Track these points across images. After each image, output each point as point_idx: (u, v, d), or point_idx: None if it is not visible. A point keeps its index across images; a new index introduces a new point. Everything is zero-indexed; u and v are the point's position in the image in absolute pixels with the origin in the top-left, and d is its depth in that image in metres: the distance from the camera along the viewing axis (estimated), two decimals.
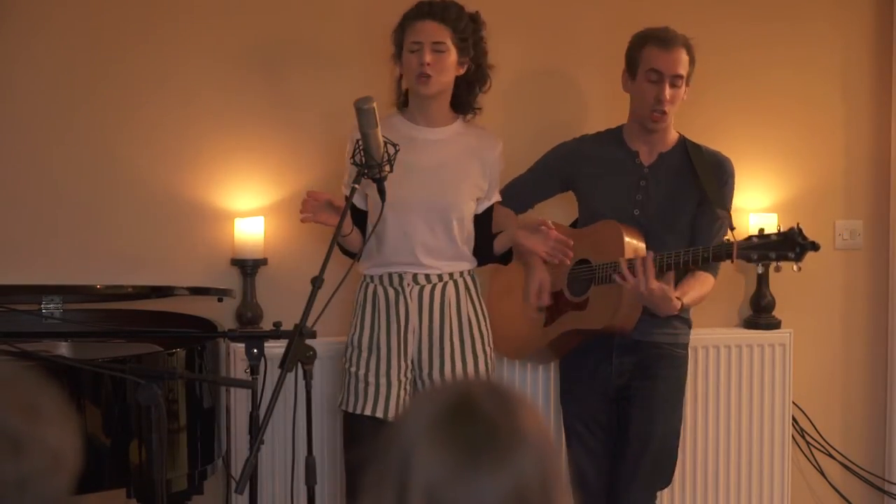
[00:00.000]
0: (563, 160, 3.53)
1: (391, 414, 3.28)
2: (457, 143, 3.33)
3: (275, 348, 3.00)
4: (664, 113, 3.35)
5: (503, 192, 3.49)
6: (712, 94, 4.05)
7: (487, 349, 3.37)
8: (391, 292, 3.29)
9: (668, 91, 3.34)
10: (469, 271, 3.36)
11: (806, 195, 4.22)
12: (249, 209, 3.80)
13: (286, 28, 3.86)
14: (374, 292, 3.31)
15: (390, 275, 3.29)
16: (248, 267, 3.78)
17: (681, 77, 3.35)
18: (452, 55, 3.23)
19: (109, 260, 3.75)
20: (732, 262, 3.14)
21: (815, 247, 3.06)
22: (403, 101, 3.36)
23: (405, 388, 3.31)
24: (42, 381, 1.40)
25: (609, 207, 3.41)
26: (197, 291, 3.61)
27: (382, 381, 3.28)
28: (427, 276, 3.29)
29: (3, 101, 3.71)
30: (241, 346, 3.11)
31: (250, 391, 2.79)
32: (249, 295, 3.79)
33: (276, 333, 2.81)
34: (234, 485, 3.28)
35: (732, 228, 3.23)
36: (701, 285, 3.36)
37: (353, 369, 3.31)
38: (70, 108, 3.74)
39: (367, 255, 3.29)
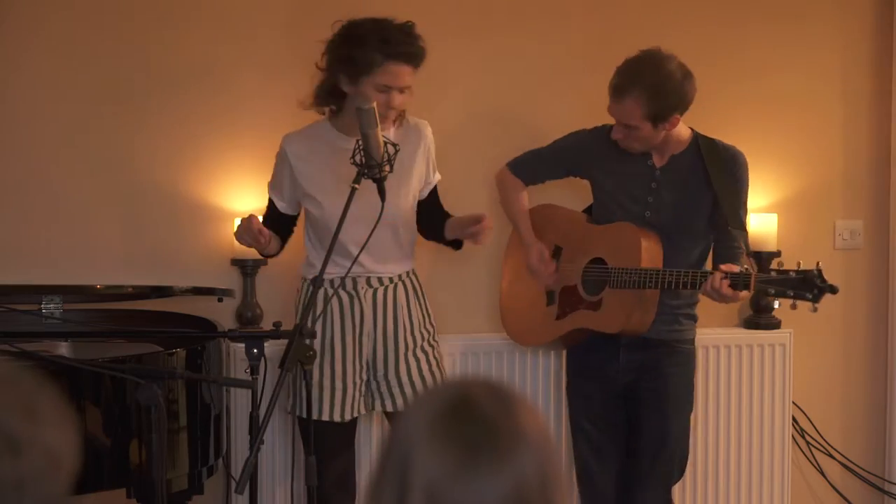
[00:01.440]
0: (578, 149, 3.53)
1: (347, 416, 3.31)
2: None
3: (275, 348, 3.00)
4: (624, 145, 3.37)
5: (520, 159, 3.57)
6: (713, 94, 4.04)
7: (434, 343, 3.42)
8: (345, 296, 3.31)
9: (620, 131, 3.34)
10: (412, 271, 3.42)
11: (806, 195, 4.23)
12: (249, 209, 3.79)
13: (285, 28, 3.86)
14: (326, 295, 3.31)
15: (343, 279, 3.28)
16: (248, 267, 3.78)
17: (631, 126, 3.29)
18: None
19: (109, 260, 3.76)
20: (750, 292, 3.14)
21: (833, 290, 3.06)
22: (334, 110, 3.32)
23: (360, 391, 3.34)
24: (41, 381, 1.40)
25: (620, 208, 3.42)
26: (197, 291, 3.61)
27: (338, 384, 3.30)
28: (380, 279, 3.33)
29: (3, 102, 3.71)
30: (241, 346, 3.11)
31: (250, 391, 2.79)
32: (249, 295, 3.79)
33: (276, 333, 2.81)
34: (234, 485, 3.28)
35: (749, 255, 3.25)
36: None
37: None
38: (69, 108, 3.74)
39: (318, 259, 3.26)
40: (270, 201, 3.44)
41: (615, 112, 3.31)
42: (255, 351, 2.83)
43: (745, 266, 3.18)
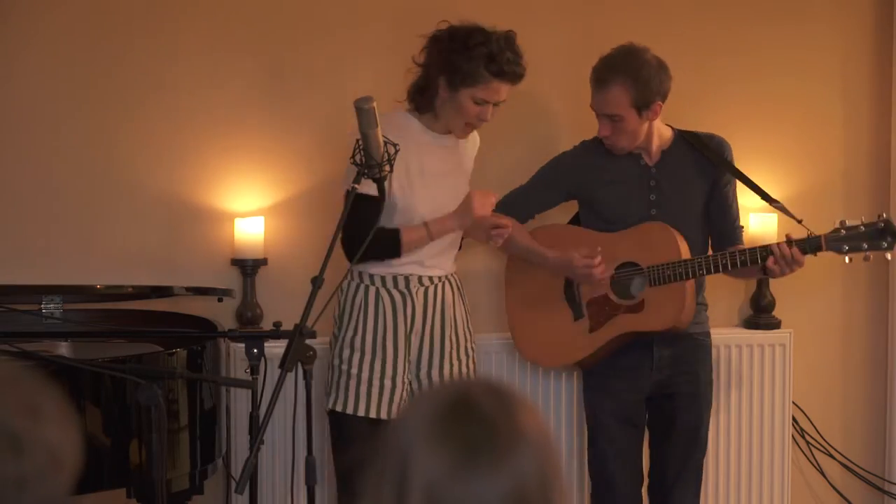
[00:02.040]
0: (568, 171, 3.51)
1: (393, 414, 3.31)
2: (459, 146, 3.40)
3: (275, 348, 3.00)
4: (610, 142, 3.38)
5: (506, 202, 3.52)
6: (713, 95, 4.05)
7: (474, 345, 3.45)
8: (397, 295, 3.31)
9: (607, 127, 3.34)
10: (456, 272, 3.43)
11: (806, 195, 4.22)
12: (249, 209, 3.80)
13: (286, 28, 3.86)
14: (378, 294, 3.31)
15: (395, 277, 3.30)
16: (248, 267, 3.78)
17: (614, 115, 3.30)
18: None
19: (109, 260, 3.75)
20: (821, 252, 3.18)
21: None
22: (419, 106, 3.32)
23: (406, 390, 3.34)
24: (42, 380, 1.40)
25: (625, 213, 3.41)
26: (197, 291, 3.62)
27: (387, 383, 3.30)
28: (430, 278, 3.34)
29: (3, 101, 3.71)
30: (241, 346, 3.11)
31: (250, 391, 2.79)
32: (249, 295, 3.79)
33: (276, 333, 2.81)
34: (234, 485, 3.28)
35: (799, 221, 3.28)
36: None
37: (353, 371, 3.30)
38: (70, 108, 3.74)
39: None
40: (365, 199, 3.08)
41: (600, 104, 3.32)
42: (255, 351, 2.83)
43: (809, 231, 3.22)
